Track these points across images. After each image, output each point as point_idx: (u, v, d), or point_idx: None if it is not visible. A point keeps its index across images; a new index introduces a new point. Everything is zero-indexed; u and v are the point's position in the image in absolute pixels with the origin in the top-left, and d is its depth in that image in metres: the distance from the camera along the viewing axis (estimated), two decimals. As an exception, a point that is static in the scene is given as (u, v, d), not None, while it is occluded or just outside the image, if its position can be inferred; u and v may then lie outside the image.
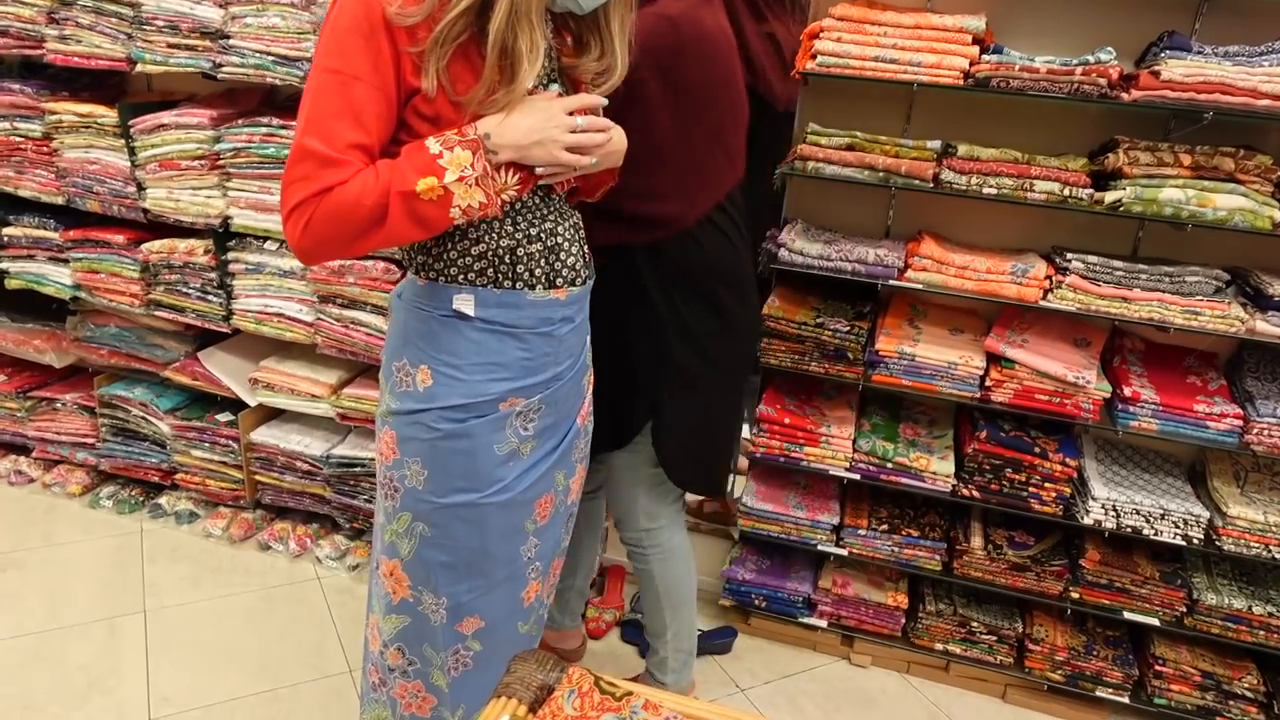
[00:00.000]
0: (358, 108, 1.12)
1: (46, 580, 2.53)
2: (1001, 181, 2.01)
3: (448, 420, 1.28)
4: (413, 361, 1.30)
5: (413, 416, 1.30)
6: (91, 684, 2.16)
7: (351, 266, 2.38)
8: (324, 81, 1.12)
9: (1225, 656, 2.23)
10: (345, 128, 1.12)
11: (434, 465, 1.31)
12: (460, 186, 1.15)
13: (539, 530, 1.42)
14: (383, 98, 1.14)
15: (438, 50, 1.12)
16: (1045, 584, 2.25)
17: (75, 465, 2.99)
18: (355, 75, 1.11)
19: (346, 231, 1.14)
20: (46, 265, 2.76)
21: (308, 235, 1.14)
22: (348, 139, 1.12)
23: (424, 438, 1.30)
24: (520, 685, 0.97)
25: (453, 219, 1.17)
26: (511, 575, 1.41)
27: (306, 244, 1.16)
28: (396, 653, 1.44)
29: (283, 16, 2.24)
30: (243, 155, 2.40)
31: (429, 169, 1.13)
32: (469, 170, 1.15)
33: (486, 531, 1.35)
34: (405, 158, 1.15)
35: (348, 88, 1.12)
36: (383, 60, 1.12)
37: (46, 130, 2.57)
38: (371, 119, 1.14)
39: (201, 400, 2.82)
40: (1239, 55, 1.83)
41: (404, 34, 1.12)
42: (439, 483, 1.31)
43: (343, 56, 1.11)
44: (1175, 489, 2.18)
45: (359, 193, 1.12)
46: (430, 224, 1.17)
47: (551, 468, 1.40)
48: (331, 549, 2.69)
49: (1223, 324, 1.97)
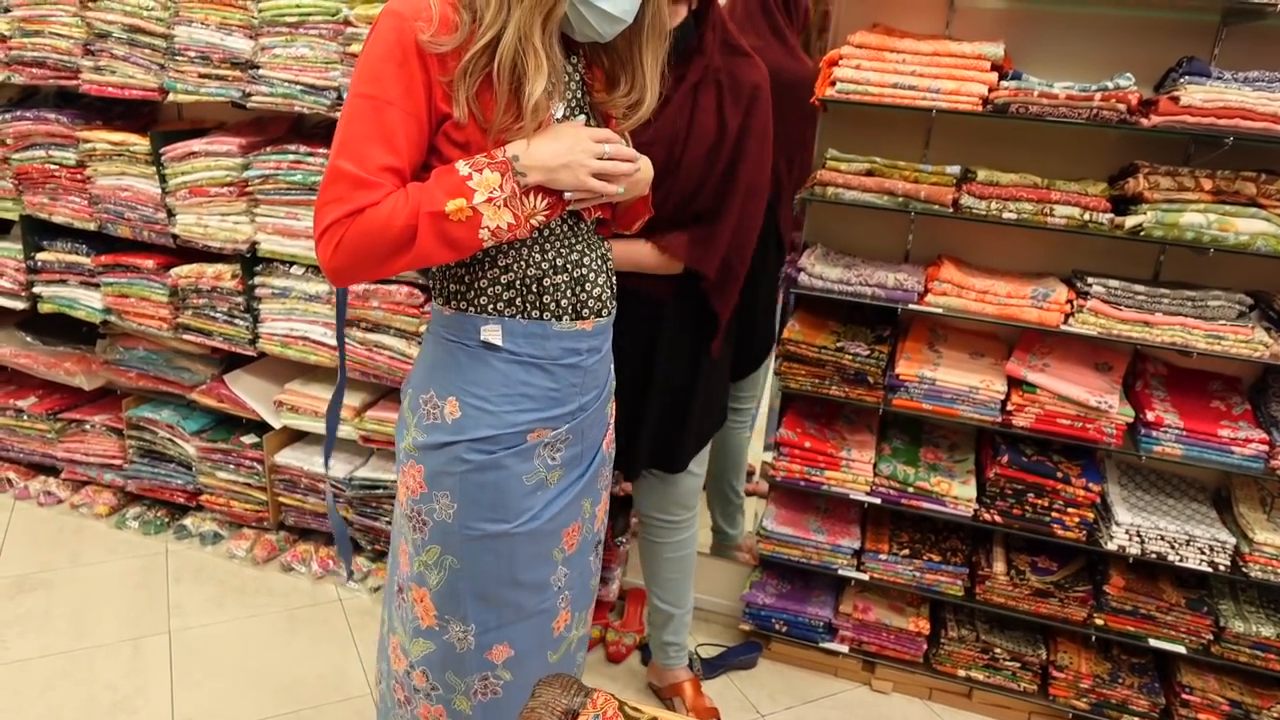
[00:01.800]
0: (390, 131, 1.15)
1: (73, 600, 2.56)
2: (1021, 206, 2.02)
3: (477, 452, 1.29)
4: (440, 393, 1.31)
5: (442, 450, 1.30)
6: (117, 704, 2.18)
7: (375, 290, 2.41)
8: (358, 106, 1.15)
9: (1254, 685, 2.20)
10: (378, 151, 1.14)
11: (463, 498, 1.31)
12: (489, 208, 1.17)
13: (568, 559, 1.42)
14: (415, 122, 1.16)
15: (466, 80, 1.15)
16: (1069, 610, 2.23)
17: (103, 486, 3.03)
18: (388, 100, 1.14)
19: (377, 252, 1.16)
20: (78, 290, 2.82)
21: (339, 255, 1.16)
22: (380, 162, 1.15)
23: (454, 470, 1.30)
24: (545, 710, 0.98)
25: (482, 240, 1.19)
26: (541, 605, 1.41)
27: (338, 264, 1.18)
28: (421, 675, 1.44)
29: (310, 47, 2.29)
30: (270, 182, 2.44)
31: (458, 190, 1.15)
32: (498, 192, 1.16)
33: (515, 562, 1.35)
34: (435, 180, 1.17)
35: (381, 112, 1.14)
36: (415, 86, 1.14)
37: (80, 158, 2.63)
38: (403, 142, 1.16)
39: (227, 422, 2.86)
40: (1259, 81, 1.84)
41: (436, 61, 1.14)
42: (468, 514, 1.31)
43: (376, 82, 1.14)
44: (1200, 514, 2.16)
45: (389, 214, 1.14)
46: (459, 245, 1.18)
47: (578, 496, 1.40)
48: (354, 571, 2.70)
49: (1246, 348, 1.96)
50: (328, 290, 2.50)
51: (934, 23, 2.19)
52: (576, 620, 1.51)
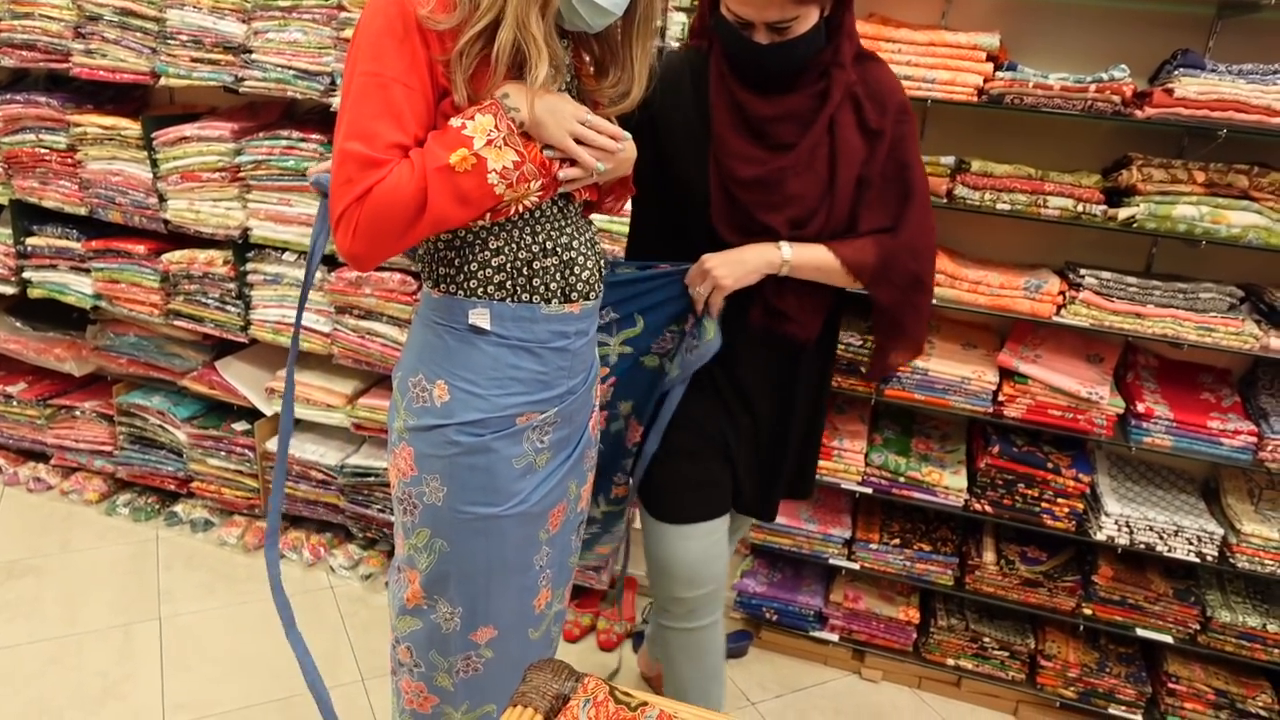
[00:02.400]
0: (396, 108, 1.14)
1: (63, 586, 2.55)
2: (1015, 197, 2.02)
3: (466, 435, 1.29)
4: (429, 377, 1.31)
5: (431, 433, 1.31)
6: (107, 690, 2.18)
7: (369, 277, 2.40)
8: (361, 85, 1.14)
9: (1239, 675, 2.22)
10: (386, 128, 1.14)
11: (453, 481, 1.31)
12: (490, 150, 1.15)
13: (551, 539, 1.43)
14: (420, 97, 1.15)
15: (461, 63, 1.15)
16: (1058, 600, 2.25)
17: (93, 472, 3.02)
18: (393, 76, 1.13)
19: (394, 225, 1.15)
20: (68, 275, 2.80)
21: (358, 240, 1.16)
22: (388, 139, 1.14)
23: (443, 454, 1.31)
24: (536, 695, 0.98)
25: (493, 186, 1.17)
26: (525, 584, 1.42)
27: (359, 249, 1.17)
28: (406, 651, 1.46)
29: (304, 31, 2.27)
30: (263, 168, 2.43)
31: (457, 142, 1.14)
32: (494, 132, 1.16)
33: (504, 544, 1.36)
34: (433, 140, 1.16)
35: (386, 89, 1.13)
36: (418, 61, 1.14)
37: (71, 142, 2.61)
38: (410, 119, 1.15)
39: (218, 409, 2.85)
40: (1253, 74, 1.84)
41: (435, 39, 1.14)
42: (458, 498, 1.32)
43: (378, 59, 1.13)
44: (1189, 505, 2.17)
45: (396, 183, 1.13)
46: (471, 198, 1.16)
47: (564, 477, 1.41)
48: (345, 558, 2.70)
49: (1236, 341, 1.97)
50: (320, 277, 2.49)
51: (930, 13, 2.19)
52: (555, 597, 1.52)
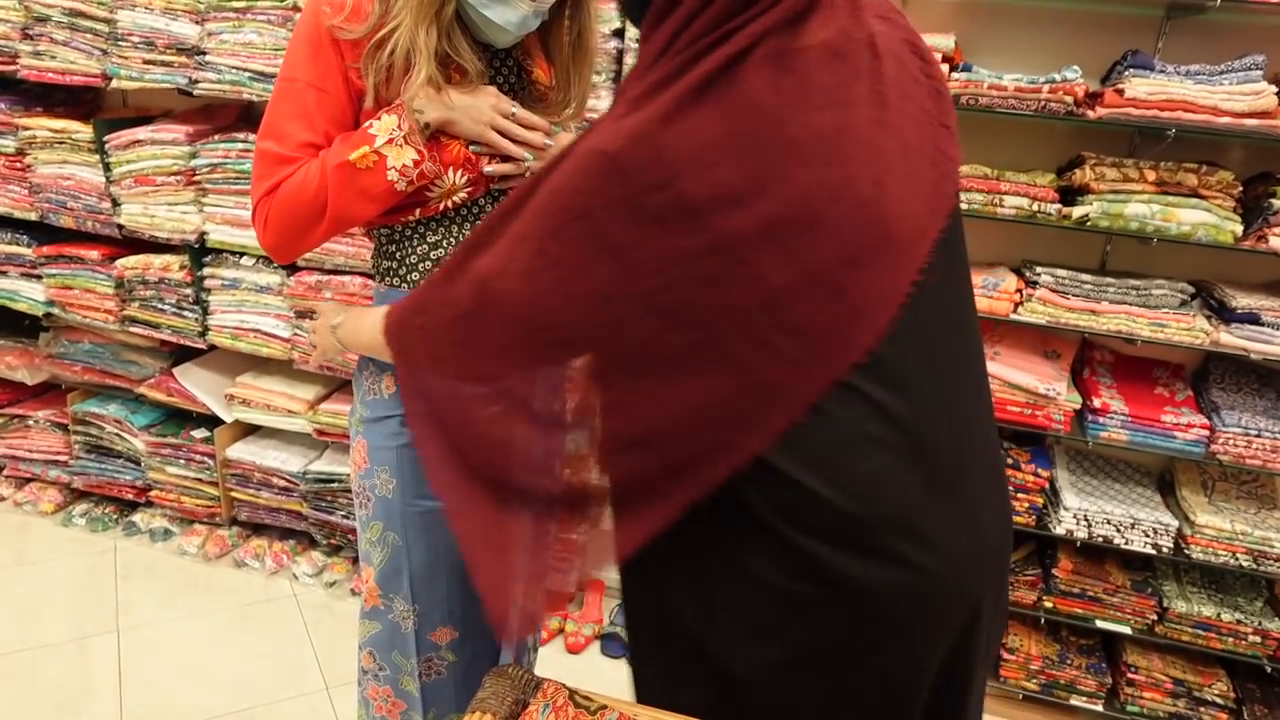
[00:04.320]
0: (308, 110, 1.20)
1: (17, 599, 2.49)
2: (971, 197, 2.05)
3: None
4: (378, 368, 1.35)
5: (381, 424, 1.34)
6: (63, 705, 2.13)
7: (329, 281, 2.38)
8: (279, 89, 1.22)
9: (1196, 664, 2.26)
10: (297, 129, 1.20)
11: (401, 473, 1.33)
12: (391, 149, 1.19)
13: None
14: (332, 101, 1.21)
15: (371, 66, 1.19)
16: (1019, 594, 2.28)
17: (48, 483, 2.96)
18: (307, 82, 1.19)
19: (300, 218, 1.21)
20: (19, 281, 2.74)
21: (270, 231, 1.23)
22: (299, 139, 1.20)
23: (392, 445, 1.33)
24: (495, 700, 0.97)
25: (392, 182, 1.21)
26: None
27: (271, 240, 1.24)
28: (368, 656, 1.45)
29: (259, 33, 2.24)
30: (219, 171, 2.39)
31: (361, 140, 1.19)
32: (396, 131, 1.19)
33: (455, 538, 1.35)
34: (340, 139, 1.22)
35: (300, 94, 1.20)
36: (331, 68, 1.19)
37: (20, 146, 2.55)
38: (321, 120, 1.21)
39: (177, 417, 2.80)
40: (1200, 74, 1.88)
41: (348, 47, 1.19)
42: (408, 490, 1.33)
43: (294, 66, 1.20)
44: (1145, 498, 2.21)
45: (303, 179, 1.19)
46: (371, 193, 1.20)
47: None
48: (308, 565, 2.67)
49: (1188, 336, 2.00)
50: (279, 282, 2.46)
51: (887, 14, 2.21)
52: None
